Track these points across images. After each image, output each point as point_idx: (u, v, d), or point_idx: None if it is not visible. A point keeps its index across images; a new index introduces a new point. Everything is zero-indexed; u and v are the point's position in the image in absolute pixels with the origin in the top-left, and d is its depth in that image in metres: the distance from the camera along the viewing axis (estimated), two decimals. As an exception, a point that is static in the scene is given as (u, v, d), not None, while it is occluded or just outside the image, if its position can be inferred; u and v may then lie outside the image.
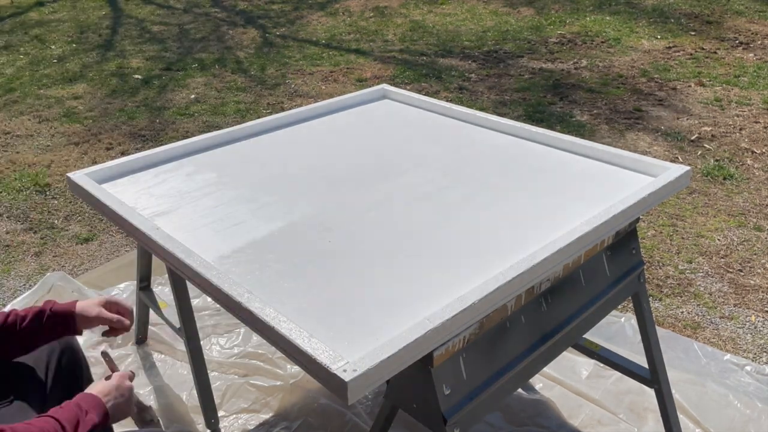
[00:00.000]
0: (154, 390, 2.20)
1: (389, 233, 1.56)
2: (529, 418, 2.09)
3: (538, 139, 2.04)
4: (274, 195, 1.76)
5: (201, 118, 4.56)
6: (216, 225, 1.62)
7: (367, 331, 1.23)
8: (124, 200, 1.74)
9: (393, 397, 1.41)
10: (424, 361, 1.26)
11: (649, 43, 5.97)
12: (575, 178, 1.80)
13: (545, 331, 1.54)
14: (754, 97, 4.72)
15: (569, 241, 1.45)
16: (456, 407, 1.32)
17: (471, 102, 4.72)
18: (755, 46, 5.80)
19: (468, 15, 7.06)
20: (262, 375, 2.25)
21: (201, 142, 2.07)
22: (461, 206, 1.67)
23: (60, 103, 4.83)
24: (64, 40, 6.41)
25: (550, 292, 1.55)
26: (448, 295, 1.31)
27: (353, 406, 2.12)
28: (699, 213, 3.26)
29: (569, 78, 5.19)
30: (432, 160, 1.93)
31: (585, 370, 2.27)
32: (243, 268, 1.44)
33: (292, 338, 1.18)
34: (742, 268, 2.85)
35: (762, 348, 2.40)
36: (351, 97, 2.43)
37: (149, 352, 2.38)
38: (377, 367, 1.11)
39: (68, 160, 3.94)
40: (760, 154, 3.89)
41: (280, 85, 5.17)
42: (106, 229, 3.22)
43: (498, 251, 1.47)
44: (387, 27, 6.68)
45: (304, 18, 7.09)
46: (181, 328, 1.97)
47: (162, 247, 1.50)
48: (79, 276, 2.85)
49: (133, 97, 4.95)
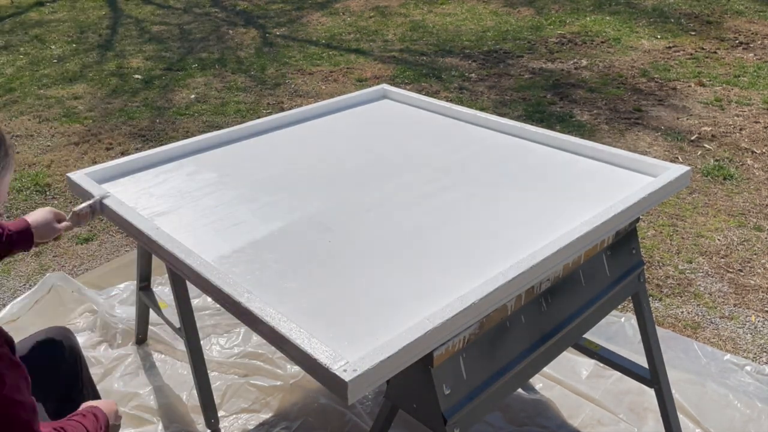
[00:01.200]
0: (154, 390, 2.20)
1: (389, 233, 1.56)
2: (529, 418, 2.09)
3: (538, 139, 2.04)
4: (274, 195, 1.76)
5: (201, 118, 4.56)
6: (216, 225, 1.62)
7: (367, 331, 1.23)
8: (124, 200, 1.74)
9: (393, 397, 1.41)
10: (424, 361, 1.26)
11: (649, 43, 5.97)
12: (575, 178, 1.80)
13: (545, 331, 1.54)
14: (754, 97, 4.72)
15: (569, 241, 1.45)
16: (456, 407, 1.32)
17: (471, 102, 4.72)
18: (755, 46, 5.80)
19: (468, 15, 7.06)
20: (262, 375, 2.25)
21: (201, 142, 2.07)
22: (461, 206, 1.67)
23: (60, 103, 4.83)
24: (64, 40, 6.41)
25: (550, 292, 1.55)
26: (448, 295, 1.31)
27: (353, 406, 2.12)
28: (699, 213, 3.26)
29: (569, 78, 5.19)
30: (432, 160, 1.93)
31: (585, 370, 2.27)
32: (243, 268, 1.44)
33: (292, 338, 1.18)
34: (742, 268, 2.85)
35: (762, 348, 2.40)
36: (351, 97, 2.43)
37: (149, 352, 2.38)
38: (377, 367, 1.11)
39: (68, 160, 3.94)
40: (760, 154, 3.89)
41: (280, 85, 5.17)
42: (106, 229, 3.22)
43: (498, 251, 1.47)
44: (387, 27, 6.68)
45: (304, 18, 7.09)
46: (181, 328, 1.97)
47: (162, 247, 1.50)
48: (79, 276, 2.85)
49: (134, 97, 4.95)
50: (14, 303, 2.57)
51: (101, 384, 2.22)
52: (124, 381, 2.24)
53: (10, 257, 2.99)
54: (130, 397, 2.16)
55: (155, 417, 2.10)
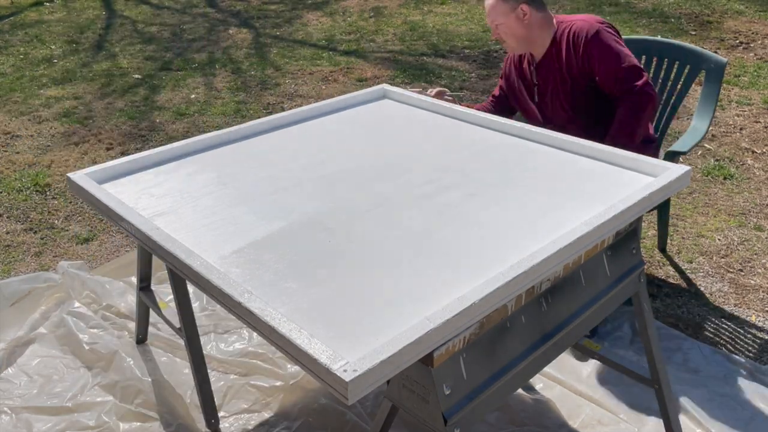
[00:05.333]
0: (155, 390, 2.20)
1: (389, 233, 1.56)
2: (529, 418, 2.09)
3: (539, 139, 2.04)
4: (274, 195, 1.76)
5: (201, 117, 4.56)
6: (216, 225, 1.62)
7: (367, 331, 1.23)
8: (124, 200, 1.74)
9: (393, 397, 1.41)
10: (424, 361, 1.26)
11: (649, 42, 5.97)
12: (575, 178, 1.80)
13: (545, 331, 1.54)
14: (754, 96, 4.72)
15: (569, 241, 1.45)
16: (456, 407, 1.32)
17: (471, 102, 4.72)
18: (755, 45, 5.80)
19: (468, 15, 7.06)
20: (263, 375, 2.25)
21: (201, 142, 2.07)
22: (461, 206, 1.67)
23: (60, 103, 4.83)
24: (64, 40, 6.42)
25: (551, 292, 1.55)
26: (448, 295, 1.31)
27: (353, 406, 2.12)
28: (699, 213, 3.26)
29: (569, 78, 5.19)
30: (432, 160, 1.93)
31: (585, 370, 2.27)
32: (243, 268, 1.44)
33: (293, 338, 1.18)
34: (743, 267, 2.85)
35: (762, 348, 2.40)
36: (351, 97, 2.43)
37: (149, 352, 2.38)
38: (377, 367, 1.11)
39: (68, 160, 3.94)
40: (760, 153, 3.89)
41: (280, 85, 5.17)
42: (106, 229, 3.22)
43: (498, 251, 1.47)
44: (387, 27, 6.68)
45: (303, 18, 7.09)
46: (181, 328, 1.98)
47: (162, 247, 1.50)
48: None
49: (133, 97, 4.95)
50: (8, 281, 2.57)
51: (101, 380, 2.22)
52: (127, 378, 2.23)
53: (10, 257, 2.99)
54: (135, 394, 2.17)
55: (157, 415, 2.11)
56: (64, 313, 2.53)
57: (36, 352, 2.38)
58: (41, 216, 3.34)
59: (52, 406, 2.13)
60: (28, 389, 2.21)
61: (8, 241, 3.13)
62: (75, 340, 2.40)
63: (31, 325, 2.49)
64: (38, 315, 2.54)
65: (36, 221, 3.29)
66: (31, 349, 2.40)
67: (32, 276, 2.70)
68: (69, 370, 2.30)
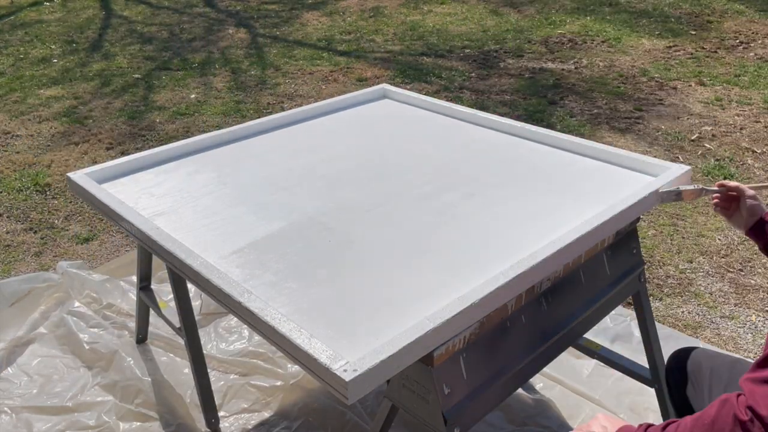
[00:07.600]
0: (155, 390, 2.20)
1: (389, 233, 1.56)
2: (529, 418, 2.09)
3: (538, 139, 2.04)
4: (274, 195, 1.76)
5: (201, 117, 4.56)
6: (216, 225, 1.62)
7: (367, 331, 1.23)
8: (124, 200, 1.74)
9: (393, 397, 1.41)
10: (424, 361, 1.26)
11: (650, 42, 5.97)
12: (575, 177, 1.80)
13: (546, 330, 1.54)
14: (754, 96, 4.72)
15: (569, 240, 1.44)
16: (456, 407, 1.32)
17: (471, 101, 4.72)
18: (755, 45, 5.80)
19: (468, 15, 7.06)
20: (263, 375, 2.25)
21: (201, 141, 2.07)
22: (461, 206, 1.67)
23: (59, 103, 4.82)
24: (63, 40, 6.41)
25: (551, 291, 1.55)
26: (448, 295, 1.31)
27: (353, 405, 2.12)
28: (699, 212, 3.26)
29: (569, 78, 5.19)
30: (432, 160, 1.93)
31: (585, 370, 2.27)
32: (243, 268, 1.44)
33: (293, 338, 1.18)
34: (743, 267, 2.85)
35: (762, 348, 2.40)
36: (351, 97, 2.42)
37: (149, 351, 2.38)
38: (377, 366, 1.11)
39: (68, 160, 3.94)
40: (760, 153, 3.89)
41: (279, 84, 5.17)
42: (106, 229, 3.21)
43: (498, 251, 1.47)
44: (387, 27, 6.68)
45: (302, 18, 7.09)
46: (181, 328, 1.97)
47: (162, 247, 1.50)
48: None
49: (133, 97, 4.95)
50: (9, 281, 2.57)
51: (102, 380, 2.22)
52: (127, 378, 2.23)
53: (10, 257, 2.99)
54: (135, 394, 2.17)
55: (157, 415, 2.11)
56: (64, 312, 2.53)
57: (36, 351, 2.38)
58: (41, 216, 3.33)
59: (52, 406, 2.13)
60: (28, 389, 2.21)
61: (8, 240, 3.12)
62: (75, 340, 2.40)
63: (31, 325, 2.49)
64: (38, 315, 2.54)
65: (36, 221, 3.29)
66: (31, 348, 2.39)
67: (32, 276, 2.70)
68: (69, 370, 2.29)
